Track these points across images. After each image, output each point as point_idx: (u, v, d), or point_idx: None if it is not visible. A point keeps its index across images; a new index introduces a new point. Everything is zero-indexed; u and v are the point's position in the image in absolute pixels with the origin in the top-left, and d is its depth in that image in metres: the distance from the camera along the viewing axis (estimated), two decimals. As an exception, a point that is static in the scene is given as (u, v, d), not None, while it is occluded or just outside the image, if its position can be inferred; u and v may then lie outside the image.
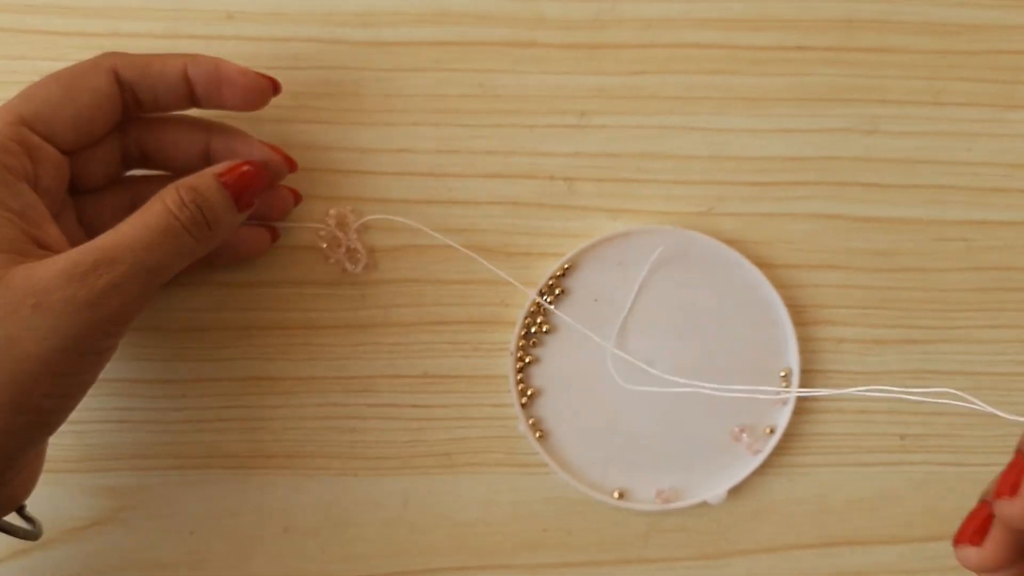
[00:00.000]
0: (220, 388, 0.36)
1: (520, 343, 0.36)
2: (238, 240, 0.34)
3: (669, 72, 0.37)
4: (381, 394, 0.36)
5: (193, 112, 0.33)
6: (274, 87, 0.33)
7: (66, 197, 0.32)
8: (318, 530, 0.36)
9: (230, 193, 0.30)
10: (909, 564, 0.37)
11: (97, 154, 0.32)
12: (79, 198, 0.33)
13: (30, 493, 0.31)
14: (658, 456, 0.36)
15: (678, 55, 0.37)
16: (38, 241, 0.28)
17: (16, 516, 0.31)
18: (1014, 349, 0.37)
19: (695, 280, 0.36)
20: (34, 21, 0.36)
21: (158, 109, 0.32)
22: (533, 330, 0.36)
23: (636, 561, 0.36)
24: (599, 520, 0.36)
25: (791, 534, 0.37)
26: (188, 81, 0.31)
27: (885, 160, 0.37)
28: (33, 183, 0.29)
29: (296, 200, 0.35)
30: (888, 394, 0.32)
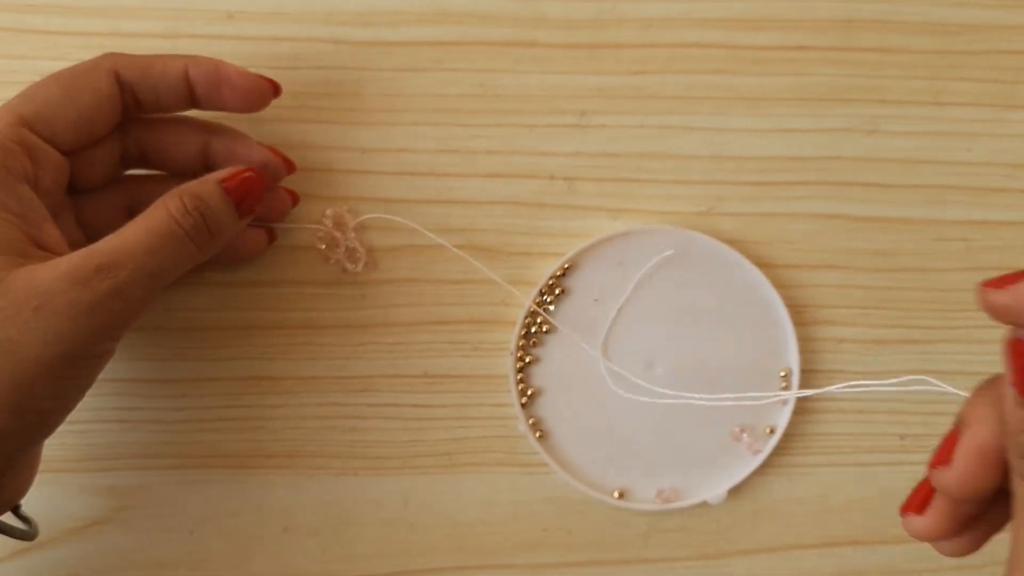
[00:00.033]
0: (220, 388, 0.36)
1: (520, 343, 0.36)
2: (236, 241, 0.34)
3: (670, 72, 0.37)
4: (381, 394, 0.36)
5: (192, 113, 0.33)
6: (274, 89, 0.33)
7: (64, 197, 0.32)
8: (318, 530, 0.36)
9: (232, 199, 0.30)
10: (909, 564, 0.37)
11: (97, 154, 0.32)
12: (77, 198, 0.32)
13: (26, 493, 0.31)
14: (658, 456, 0.36)
15: (679, 55, 0.37)
16: (38, 242, 0.28)
17: (12, 516, 0.31)
18: (1014, 349, 0.37)
19: (695, 280, 0.36)
20: (35, 21, 0.36)
21: (158, 110, 0.32)
22: (533, 330, 0.36)
23: (636, 561, 0.36)
24: (599, 520, 0.36)
25: (791, 534, 0.37)
26: (189, 82, 0.31)
27: (885, 160, 0.37)
28: (33, 184, 0.29)
29: (294, 201, 0.35)
30: (861, 389, 0.33)
